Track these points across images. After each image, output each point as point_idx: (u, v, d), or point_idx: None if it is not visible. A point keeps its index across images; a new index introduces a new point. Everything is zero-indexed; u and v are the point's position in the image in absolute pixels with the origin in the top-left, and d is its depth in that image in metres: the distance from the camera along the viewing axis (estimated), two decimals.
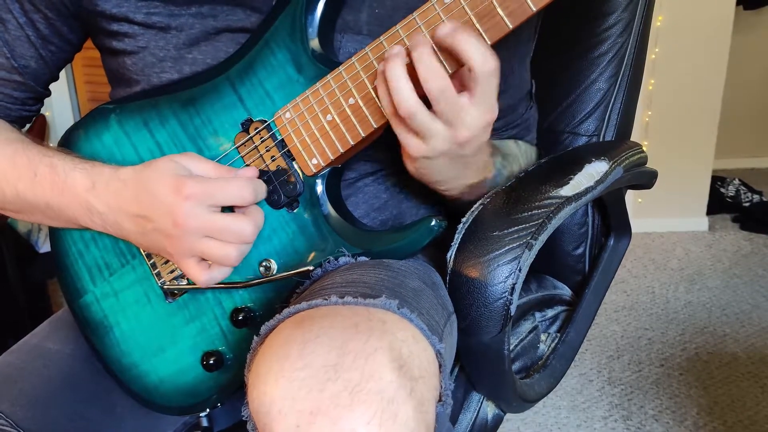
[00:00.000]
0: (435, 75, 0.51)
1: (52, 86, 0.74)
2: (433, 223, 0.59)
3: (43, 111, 2.05)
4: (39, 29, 0.66)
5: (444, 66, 0.53)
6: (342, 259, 0.60)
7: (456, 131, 0.53)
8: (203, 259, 0.59)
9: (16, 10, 0.65)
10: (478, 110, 0.53)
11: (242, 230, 0.57)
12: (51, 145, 0.67)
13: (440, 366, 0.48)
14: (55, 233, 0.69)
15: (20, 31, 0.66)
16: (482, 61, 0.50)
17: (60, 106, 2.20)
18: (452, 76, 0.53)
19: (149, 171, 0.57)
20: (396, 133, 0.56)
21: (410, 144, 0.55)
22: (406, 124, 0.54)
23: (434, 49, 0.52)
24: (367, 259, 0.60)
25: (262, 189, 0.59)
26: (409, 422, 0.41)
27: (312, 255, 0.61)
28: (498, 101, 0.54)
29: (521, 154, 0.76)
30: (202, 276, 0.58)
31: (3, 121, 0.69)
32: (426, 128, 0.53)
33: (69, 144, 0.67)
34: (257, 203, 0.60)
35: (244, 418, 0.47)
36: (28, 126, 0.76)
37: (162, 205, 0.56)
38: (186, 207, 0.55)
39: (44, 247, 1.99)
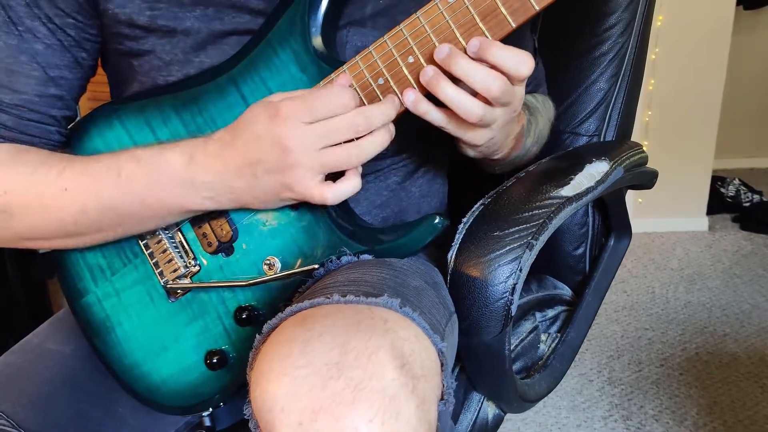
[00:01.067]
0: (492, 81, 0.52)
1: None
2: (436, 220, 0.59)
3: None
4: (69, 34, 0.62)
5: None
6: (344, 258, 0.60)
7: (512, 107, 0.55)
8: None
9: (44, 17, 0.60)
10: (523, 84, 0.55)
11: (355, 121, 0.53)
12: None
13: (442, 365, 0.48)
14: None
15: (52, 38, 0.61)
16: (517, 68, 0.52)
17: None
18: None
19: (241, 119, 0.55)
20: (457, 136, 0.57)
21: (477, 137, 0.56)
22: (470, 125, 0.55)
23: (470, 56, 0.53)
24: (369, 257, 0.60)
25: (356, 96, 0.55)
26: (412, 420, 0.41)
27: (315, 253, 0.61)
28: None
29: (539, 103, 0.78)
30: (332, 194, 0.54)
31: (44, 151, 0.63)
32: (492, 119, 0.54)
33: (70, 144, 0.67)
34: None
35: (246, 417, 0.47)
36: None
37: (264, 138, 0.53)
38: (289, 128, 0.52)
39: None
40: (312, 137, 0.52)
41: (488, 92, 0.52)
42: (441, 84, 0.53)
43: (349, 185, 0.56)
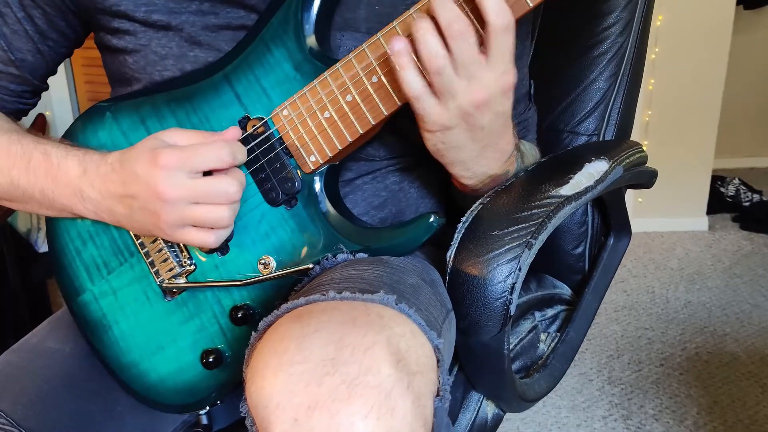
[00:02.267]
0: (456, 18, 0.51)
1: (53, 86, 0.75)
2: (431, 219, 0.59)
3: (43, 110, 2.06)
4: (37, 24, 0.67)
5: (469, 17, 0.53)
6: (340, 256, 0.60)
7: (473, 89, 0.53)
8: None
9: (15, 5, 0.66)
10: (493, 70, 0.53)
11: (227, 189, 0.56)
12: None
13: (438, 361, 0.48)
14: (52, 231, 0.69)
15: (18, 25, 0.66)
16: (497, 11, 0.51)
17: (60, 106, 2.20)
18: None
19: (131, 151, 0.58)
20: (415, 106, 0.55)
21: (431, 110, 0.55)
22: (428, 88, 0.54)
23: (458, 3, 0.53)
24: (365, 256, 0.60)
25: (241, 150, 0.58)
26: (407, 416, 0.41)
27: (311, 252, 0.61)
28: None
29: (527, 150, 0.76)
30: (208, 238, 0.58)
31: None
32: (449, 85, 0.53)
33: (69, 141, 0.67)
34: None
35: (242, 414, 0.47)
36: (23, 119, 0.76)
37: (142, 179, 0.56)
38: (163, 176, 0.54)
39: (44, 246, 1.99)
40: (183, 191, 0.55)
41: (448, 28, 0.51)
42: (422, 18, 0.53)
43: (224, 233, 0.58)
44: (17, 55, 0.68)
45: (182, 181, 0.55)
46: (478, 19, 0.53)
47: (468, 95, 0.54)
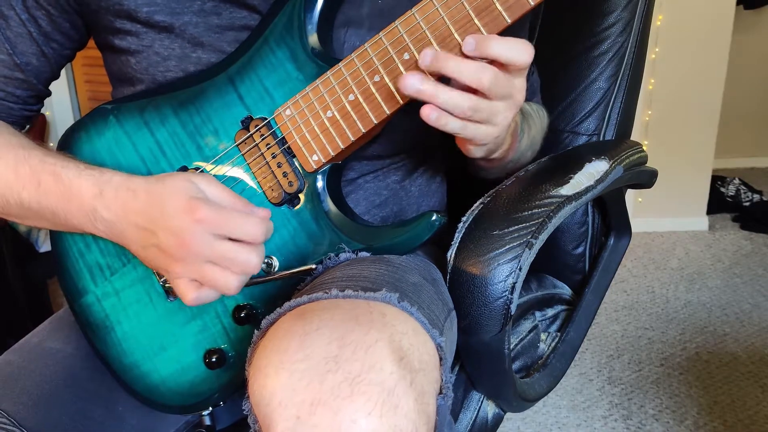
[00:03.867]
0: (482, 72, 0.51)
1: (53, 86, 0.74)
2: (433, 218, 0.59)
3: (43, 111, 2.05)
4: (41, 26, 0.66)
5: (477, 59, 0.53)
6: (342, 255, 0.60)
7: (514, 100, 0.55)
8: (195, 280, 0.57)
9: (18, 7, 0.65)
10: (523, 75, 0.55)
11: (248, 261, 0.54)
12: (51, 144, 0.67)
13: (440, 359, 0.48)
14: (55, 233, 0.69)
15: (22, 27, 0.66)
16: (519, 57, 0.52)
17: (60, 106, 2.20)
18: None
19: (162, 186, 0.55)
20: (465, 135, 0.55)
21: (480, 135, 0.55)
22: (471, 121, 0.54)
23: (458, 52, 0.53)
24: (367, 254, 0.60)
25: (271, 231, 0.57)
26: (410, 413, 0.41)
27: (313, 251, 0.61)
28: None
29: (534, 111, 0.77)
30: (190, 295, 0.56)
31: (5, 124, 0.68)
32: (490, 113, 0.54)
33: (69, 144, 0.67)
34: None
35: (245, 412, 0.47)
36: (28, 127, 0.76)
37: (171, 223, 0.54)
38: (196, 231, 0.53)
39: (44, 246, 1.99)
40: (207, 250, 0.53)
41: (480, 84, 0.51)
42: (430, 85, 0.52)
43: (210, 295, 0.57)
44: (22, 59, 0.67)
45: (210, 241, 0.53)
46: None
47: (512, 106, 0.55)
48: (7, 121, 0.69)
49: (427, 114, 0.52)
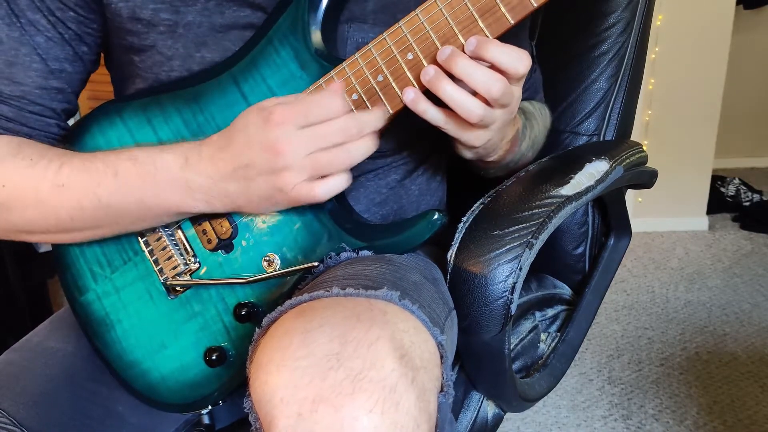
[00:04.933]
0: (493, 82, 0.52)
1: None
2: (434, 217, 0.59)
3: None
4: (70, 28, 0.63)
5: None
6: (343, 254, 0.60)
7: (510, 108, 0.56)
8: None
9: (46, 10, 0.61)
10: (520, 84, 0.56)
11: (346, 125, 0.53)
12: None
13: (441, 357, 0.48)
14: None
15: (53, 31, 0.62)
16: (516, 67, 0.52)
17: None
18: None
19: (234, 122, 0.55)
20: (456, 137, 0.57)
21: (475, 138, 0.56)
22: (469, 125, 0.55)
23: (470, 57, 0.53)
24: (368, 253, 0.61)
25: (348, 102, 0.56)
26: (411, 410, 0.41)
27: (314, 250, 0.61)
28: None
29: (536, 110, 0.78)
30: (320, 191, 0.54)
31: (45, 145, 0.63)
32: (491, 120, 0.55)
33: (72, 142, 0.67)
34: None
35: (246, 411, 0.47)
36: None
37: (257, 143, 0.53)
38: (282, 133, 0.52)
39: (44, 246, 1.99)
40: (303, 141, 0.53)
41: (489, 93, 0.52)
42: (442, 83, 0.53)
43: (339, 181, 0.55)
44: (56, 65, 0.63)
45: (302, 134, 0.52)
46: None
47: (507, 113, 0.56)
48: (46, 142, 0.64)
49: (435, 114, 0.54)
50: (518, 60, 0.52)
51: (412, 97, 0.55)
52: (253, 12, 0.62)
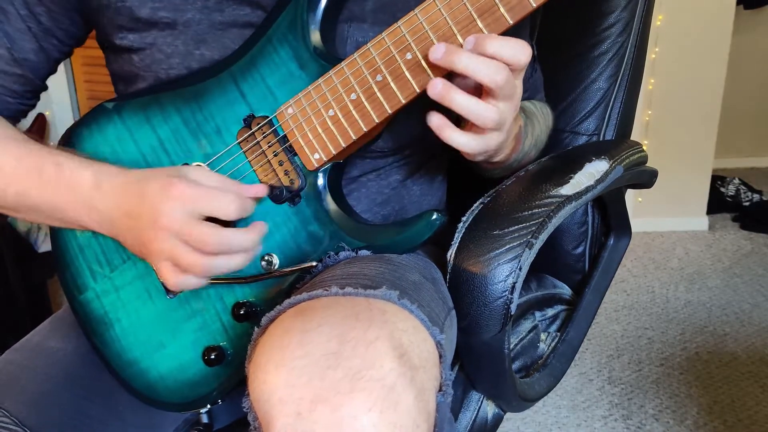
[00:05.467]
0: (497, 71, 0.51)
1: (53, 85, 0.74)
2: (434, 216, 0.59)
3: (43, 110, 2.06)
4: (41, 22, 0.66)
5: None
6: (342, 254, 0.60)
7: (514, 101, 0.55)
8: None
9: (18, 3, 0.65)
10: (521, 76, 0.56)
11: (220, 241, 0.55)
12: (51, 143, 0.67)
13: (440, 356, 0.48)
14: (55, 230, 0.69)
15: (22, 23, 0.66)
16: (518, 57, 0.52)
17: (60, 105, 2.20)
18: None
19: (151, 172, 0.57)
20: (476, 145, 0.56)
21: (496, 141, 0.56)
22: (484, 131, 0.55)
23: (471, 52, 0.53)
24: (368, 253, 0.61)
25: (250, 208, 0.58)
26: (410, 410, 0.41)
27: (314, 249, 0.61)
28: None
29: (537, 110, 0.77)
30: (171, 279, 0.57)
31: (3, 119, 0.68)
32: (504, 120, 0.54)
33: (71, 141, 0.67)
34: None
35: (244, 410, 0.47)
36: (27, 126, 0.76)
37: (149, 203, 0.55)
38: (168, 207, 0.54)
39: (44, 246, 1.99)
40: (178, 227, 0.54)
41: (495, 83, 0.51)
42: (452, 94, 0.52)
43: (192, 282, 0.57)
44: (20, 55, 0.67)
45: (181, 218, 0.54)
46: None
47: (512, 109, 0.55)
48: (2, 115, 0.69)
49: (436, 121, 0.54)
50: (520, 50, 0.52)
51: (437, 123, 0.54)
52: (252, 10, 0.62)
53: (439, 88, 0.53)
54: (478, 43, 0.52)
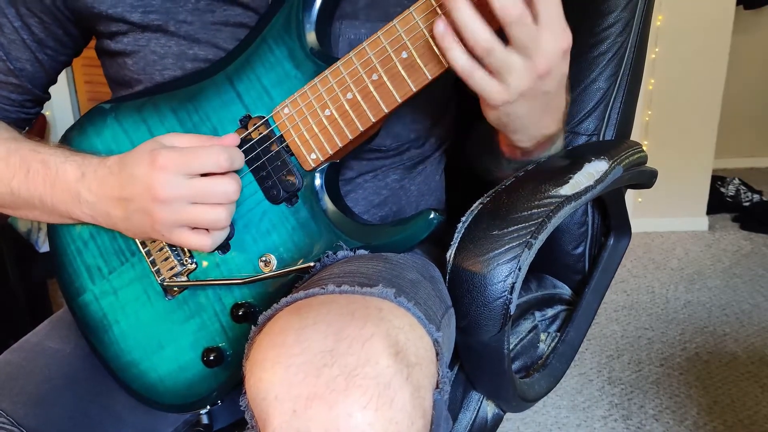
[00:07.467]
0: (511, 3, 0.48)
1: (53, 86, 0.74)
2: (431, 216, 0.59)
3: (43, 111, 2.05)
4: (34, 33, 0.67)
5: None
6: (340, 253, 0.60)
7: (535, 61, 0.51)
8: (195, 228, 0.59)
9: (12, 14, 0.66)
10: (551, 34, 0.51)
11: (225, 189, 0.57)
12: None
13: (437, 354, 0.48)
14: (53, 232, 0.69)
15: (15, 34, 0.67)
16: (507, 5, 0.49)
17: (60, 106, 2.20)
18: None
19: (130, 153, 0.58)
20: (472, 84, 0.53)
21: (490, 90, 0.53)
22: (481, 67, 0.52)
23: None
24: (365, 253, 0.61)
25: (238, 156, 0.59)
26: (406, 407, 0.41)
27: (311, 249, 0.61)
28: None
29: None
30: (205, 240, 0.58)
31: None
32: (504, 63, 0.51)
33: (68, 143, 0.67)
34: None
35: (242, 408, 0.47)
36: (27, 128, 0.76)
37: (139, 181, 0.56)
38: (161, 177, 0.55)
39: (44, 246, 1.99)
40: (179, 191, 0.56)
41: (504, 11, 0.48)
42: (459, 3, 0.50)
43: (221, 235, 0.59)
44: (16, 65, 0.68)
45: (179, 182, 0.55)
46: None
47: (529, 69, 0.51)
48: (4, 122, 0.69)
49: (440, 28, 0.51)
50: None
51: (441, 30, 0.51)
52: (243, 11, 0.62)
53: (441, 29, 0.51)
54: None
